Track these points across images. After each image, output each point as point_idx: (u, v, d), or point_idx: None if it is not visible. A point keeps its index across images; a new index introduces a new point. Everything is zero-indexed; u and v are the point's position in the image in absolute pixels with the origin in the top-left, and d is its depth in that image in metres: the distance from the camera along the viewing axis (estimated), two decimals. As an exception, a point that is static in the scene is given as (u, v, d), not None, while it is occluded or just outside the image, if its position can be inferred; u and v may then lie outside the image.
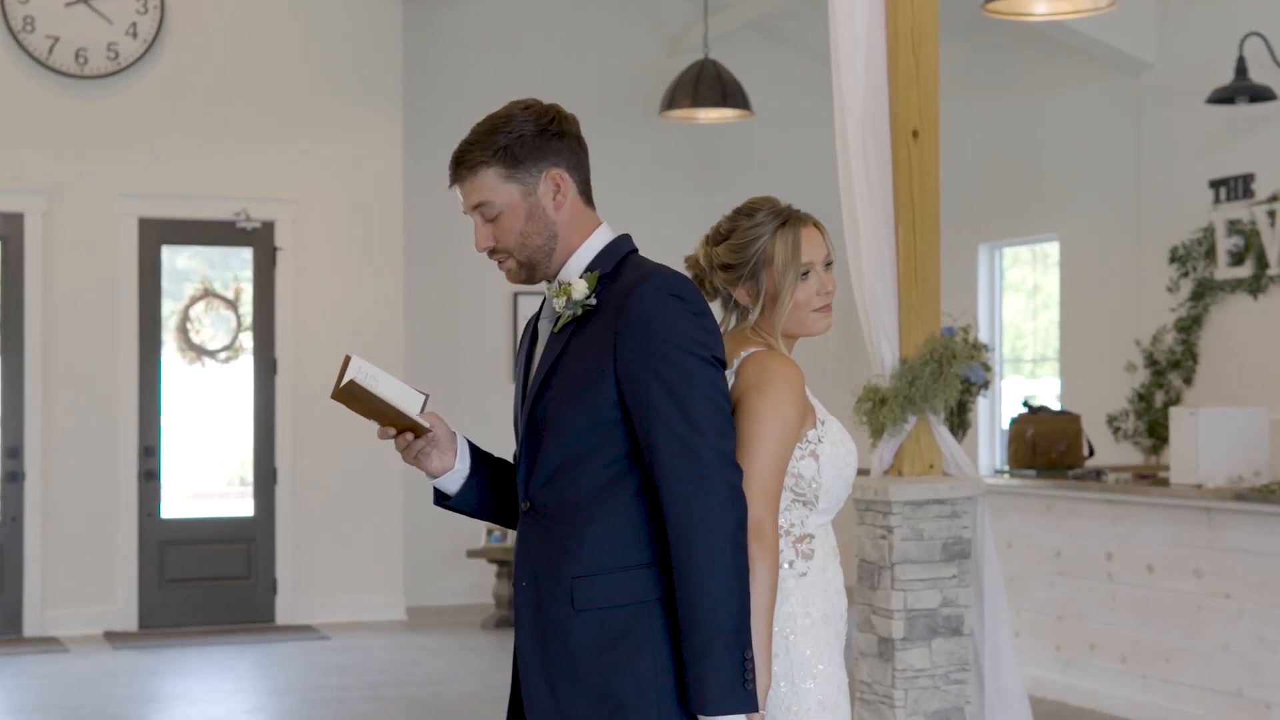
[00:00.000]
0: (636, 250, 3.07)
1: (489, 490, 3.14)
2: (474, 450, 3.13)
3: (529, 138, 2.97)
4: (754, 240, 3.22)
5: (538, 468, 2.95)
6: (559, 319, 2.97)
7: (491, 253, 3.03)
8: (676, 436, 2.82)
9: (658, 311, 2.86)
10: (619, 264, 3.00)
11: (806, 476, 3.13)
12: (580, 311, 2.94)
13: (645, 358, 2.85)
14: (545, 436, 2.94)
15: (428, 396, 3.03)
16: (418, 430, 2.99)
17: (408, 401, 2.95)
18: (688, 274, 3.26)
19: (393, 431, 2.97)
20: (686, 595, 2.80)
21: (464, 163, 3.00)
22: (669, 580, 2.86)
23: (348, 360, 2.86)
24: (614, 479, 2.89)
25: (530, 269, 3.03)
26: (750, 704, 2.81)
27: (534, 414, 2.97)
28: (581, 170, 3.04)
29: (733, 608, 2.80)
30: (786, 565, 3.12)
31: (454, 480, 3.09)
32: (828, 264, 3.27)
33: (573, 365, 2.92)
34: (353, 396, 2.88)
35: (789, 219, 3.24)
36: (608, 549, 2.88)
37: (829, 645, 3.12)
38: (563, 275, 3.01)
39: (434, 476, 3.08)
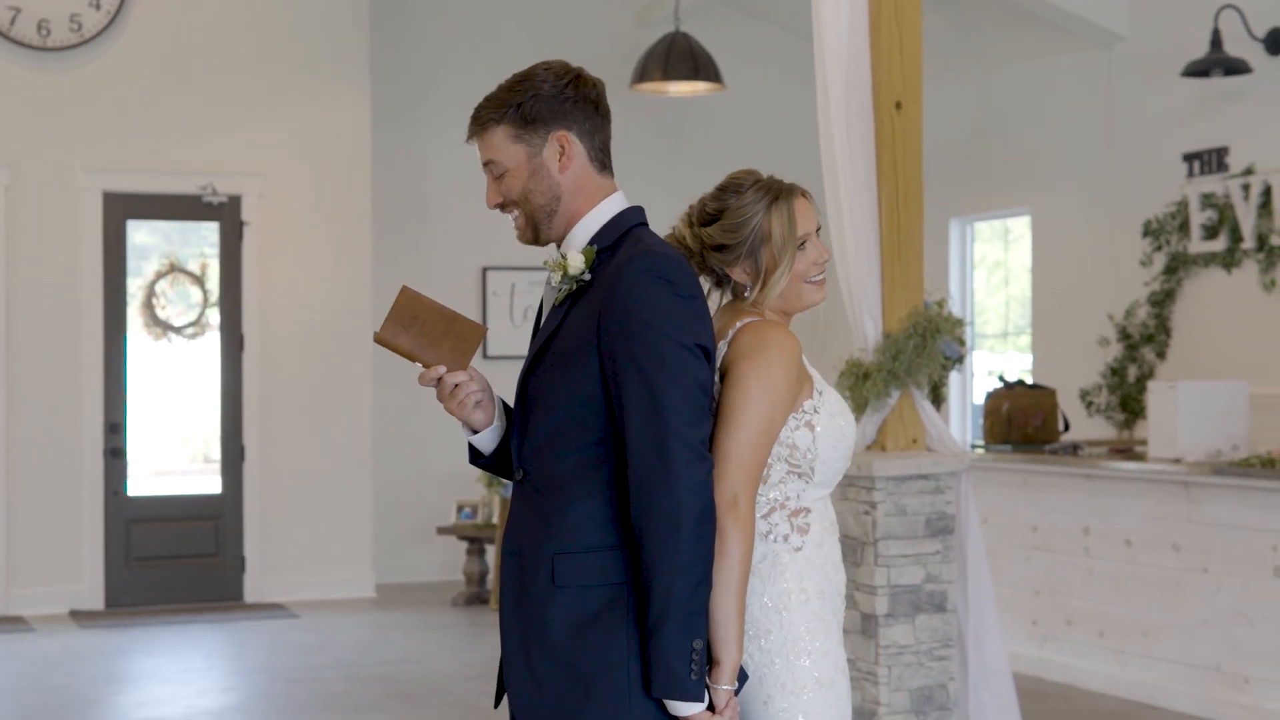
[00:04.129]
0: (644, 224, 3.05)
1: None
2: (507, 408, 3.14)
3: (543, 98, 2.98)
4: (749, 219, 3.15)
5: (528, 439, 2.96)
6: (559, 293, 2.98)
7: (501, 208, 3.05)
8: (645, 425, 2.80)
9: (640, 295, 2.83)
10: (620, 238, 2.99)
11: (802, 447, 3.06)
12: (575, 286, 2.95)
13: (624, 341, 2.83)
14: (535, 409, 2.95)
15: (486, 330, 3.06)
16: (469, 338, 2.96)
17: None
18: None
19: (438, 373, 2.96)
20: (645, 581, 2.80)
21: (478, 119, 3.02)
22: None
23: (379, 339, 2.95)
24: (599, 458, 2.88)
25: (535, 228, 3.04)
26: (693, 694, 2.80)
27: (527, 385, 2.98)
28: (595, 136, 3.03)
29: (681, 598, 2.77)
30: (781, 540, 3.06)
31: (490, 438, 3.09)
32: (817, 230, 3.24)
33: (563, 341, 2.93)
34: (403, 320, 2.93)
35: (780, 193, 3.18)
36: (589, 527, 2.87)
37: (824, 622, 3.07)
38: (567, 242, 3.01)
39: (476, 432, 3.08)
